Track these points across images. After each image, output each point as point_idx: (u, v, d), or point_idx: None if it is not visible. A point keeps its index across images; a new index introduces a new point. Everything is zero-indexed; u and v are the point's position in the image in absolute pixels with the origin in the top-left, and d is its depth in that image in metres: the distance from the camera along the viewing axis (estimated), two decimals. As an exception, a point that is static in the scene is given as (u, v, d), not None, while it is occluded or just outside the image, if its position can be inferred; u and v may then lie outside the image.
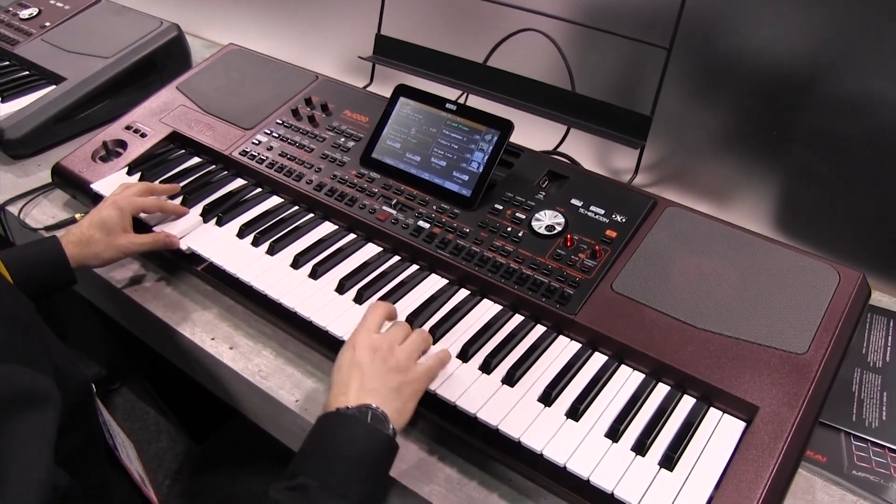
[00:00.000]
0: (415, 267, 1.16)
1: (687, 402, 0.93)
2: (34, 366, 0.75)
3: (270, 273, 1.15)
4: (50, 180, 1.46)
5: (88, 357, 2.44)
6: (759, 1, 1.17)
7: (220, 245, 1.21)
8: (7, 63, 1.84)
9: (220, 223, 1.25)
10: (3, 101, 1.67)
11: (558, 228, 1.11)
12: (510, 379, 0.95)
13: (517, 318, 1.06)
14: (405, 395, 0.88)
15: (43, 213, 1.43)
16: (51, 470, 0.70)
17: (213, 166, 1.42)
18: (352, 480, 0.80)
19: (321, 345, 1.07)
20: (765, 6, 1.17)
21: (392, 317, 0.99)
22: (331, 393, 0.88)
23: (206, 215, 1.27)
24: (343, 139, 1.35)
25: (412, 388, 0.89)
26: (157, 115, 1.52)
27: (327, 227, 1.25)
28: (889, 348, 1.09)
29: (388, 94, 1.31)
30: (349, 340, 0.93)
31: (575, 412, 0.91)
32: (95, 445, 0.99)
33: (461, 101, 1.38)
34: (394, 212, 1.20)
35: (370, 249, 1.20)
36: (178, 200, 1.30)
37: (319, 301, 1.09)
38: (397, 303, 1.09)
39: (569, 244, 1.09)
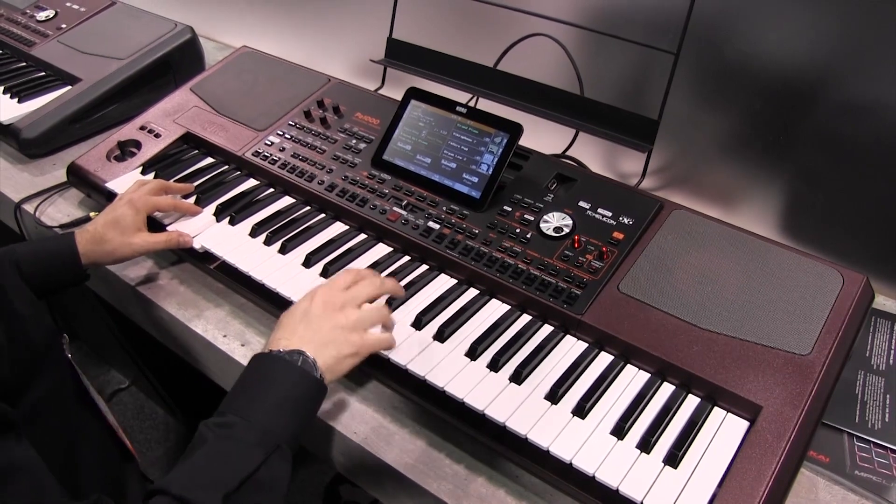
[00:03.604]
0: (424, 267, 1.18)
1: (691, 402, 0.94)
2: None
3: (282, 271, 1.16)
4: (65, 179, 1.49)
5: (99, 356, 2.46)
6: (766, 6, 1.18)
7: (233, 244, 1.23)
8: (24, 64, 1.86)
9: (232, 222, 1.27)
10: (19, 102, 1.69)
11: (566, 230, 1.13)
12: (518, 377, 0.97)
13: (525, 318, 1.08)
14: (342, 353, 0.92)
15: (58, 212, 1.45)
16: None
17: (226, 167, 1.44)
18: (275, 417, 0.85)
19: (332, 342, 1.08)
20: (773, 12, 1.18)
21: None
22: (275, 333, 0.94)
23: (219, 214, 1.29)
24: (354, 141, 1.37)
25: (351, 349, 0.93)
26: (170, 116, 1.54)
27: (338, 227, 1.27)
28: (892, 351, 1.11)
29: (399, 96, 1.33)
30: (310, 291, 0.99)
31: (581, 410, 0.92)
32: (66, 391, 1.02)
33: (471, 104, 1.39)
34: (404, 212, 1.22)
35: (381, 249, 1.22)
36: (192, 200, 1.32)
37: (330, 299, 1.11)
38: (407, 302, 1.11)
39: (576, 245, 1.10)
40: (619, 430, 0.90)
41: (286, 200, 1.34)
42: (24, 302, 0.91)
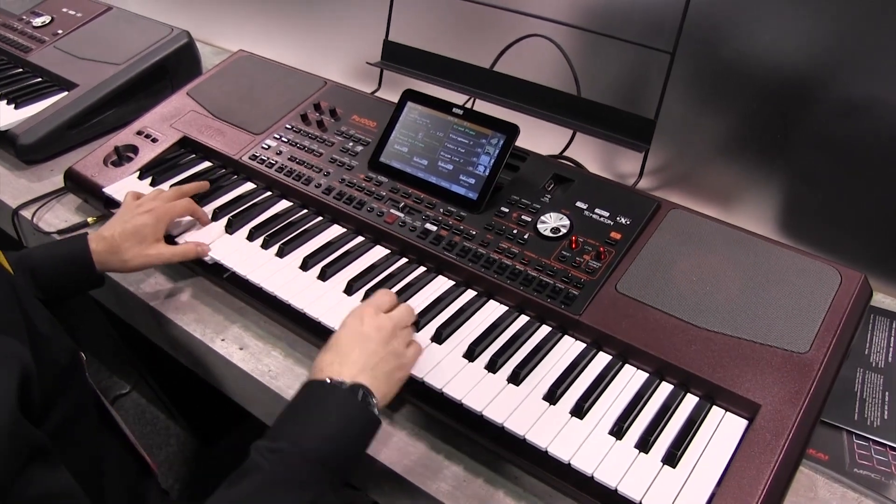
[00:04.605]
0: (422, 269, 1.18)
1: (690, 401, 0.94)
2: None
3: (280, 275, 1.16)
4: (63, 185, 1.49)
5: (99, 360, 2.46)
6: (763, 6, 1.18)
7: (231, 248, 1.23)
8: (20, 70, 1.86)
9: (230, 227, 1.27)
10: (16, 108, 1.69)
11: (563, 230, 1.13)
12: (516, 378, 0.97)
13: (523, 319, 1.08)
14: (393, 380, 0.92)
15: (56, 217, 1.45)
16: (15, 419, 0.71)
17: (224, 170, 1.44)
18: (331, 451, 0.83)
19: (330, 345, 1.08)
20: (769, 11, 1.18)
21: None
22: (326, 356, 0.91)
23: (216, 218, 1.29)
24: (351, 143, 1.37)
25: (401, 375, 0.94)
26: (167, 121, 1.54)
27: (336, 230, 1.26)
28: (891, 349, 1.10)
29: (395, 99, 1.33)
30: (356, 311, 0.96)
31: (579, 410, 0.92)
32: (88, 410, 1.00)
33: (468, 105, 1.40)
34: (401, 215, 1.22)
35: (378, 252, 1.22)
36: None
37: (328, 302, 1.11)
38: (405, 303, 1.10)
39: (574, 246, 1.10)
40: (618, 430, 0.90)
41: (283, 204, 1.34)
42: (44, 322, 0.89)
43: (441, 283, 1.15)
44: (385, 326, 0.94)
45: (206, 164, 1.46)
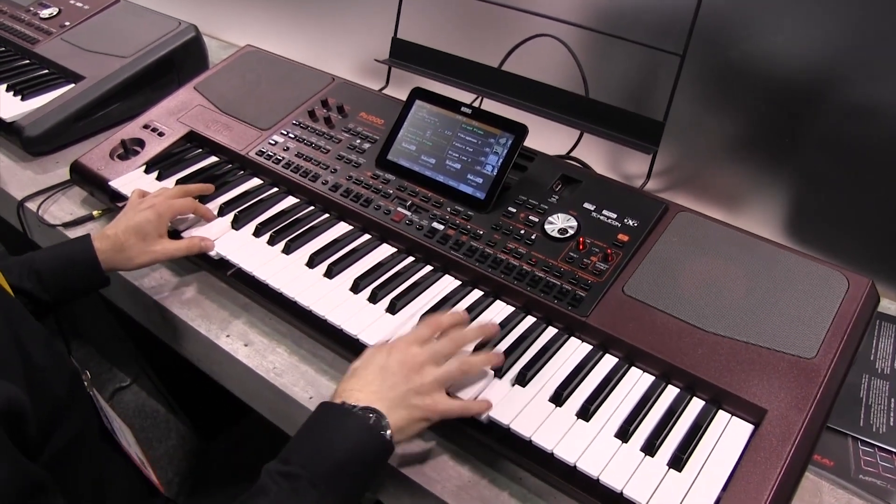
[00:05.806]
0: (429, 268, 1.17)
1: (696, 405, 0.94)
2: None
3: (286, 272, 1.16)
4: (68, 177, 1.48)
5: (101, 354, 2.46)
6: (773, 9, 1.18)
7: (237, 243, 1.23)
8: (27, 62, 1.86)
9: (236, 222, 1.27)
10: (22, 100, 1.68)
11: (571, 232, 1.12)
12: (522, 379, 0.97)
13: (529, 320, 1.08)
14: (413, 416, 0.88)
15: (61, 210, 1.45)
16: (18, 465, 0.71)
17: (230, 166, 1.43)
18: (341, 476, 0.82)
19: (335, 343, 1.08)
20: (779, 14, 1.18)
21: (455, 324, 0.98)
22: (347, 382, 0.90)
23: (222, 214, 1.29)
24: (359, 141, 1.36)
25: (422, 413, 0.89)
26: (174, 115, 1.54)
27: (342, 228, 1.26)
28: (897, 355, 1.10)
29: (403, 96, 1.33)
30: (391, 343, 0.94)
31: (585, 412, 0.92)
32: (90, 432, 0.99)
33: (476, 104, 1.39)
34: (408, 213, 1.22)
35: (385, 250, 1.21)
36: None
37: (334, 300, 1.11)
38: (411, 303, 1.10)
39: (581, 247, 1.10)
40: (624, 433, 0.90)
41: (290, 200, 1.33)
42: (41, 350, 0.87)
43: (447, 283, 1.15)
44: (409, 362, 0.91)
45: (213, 158, 1.46)
